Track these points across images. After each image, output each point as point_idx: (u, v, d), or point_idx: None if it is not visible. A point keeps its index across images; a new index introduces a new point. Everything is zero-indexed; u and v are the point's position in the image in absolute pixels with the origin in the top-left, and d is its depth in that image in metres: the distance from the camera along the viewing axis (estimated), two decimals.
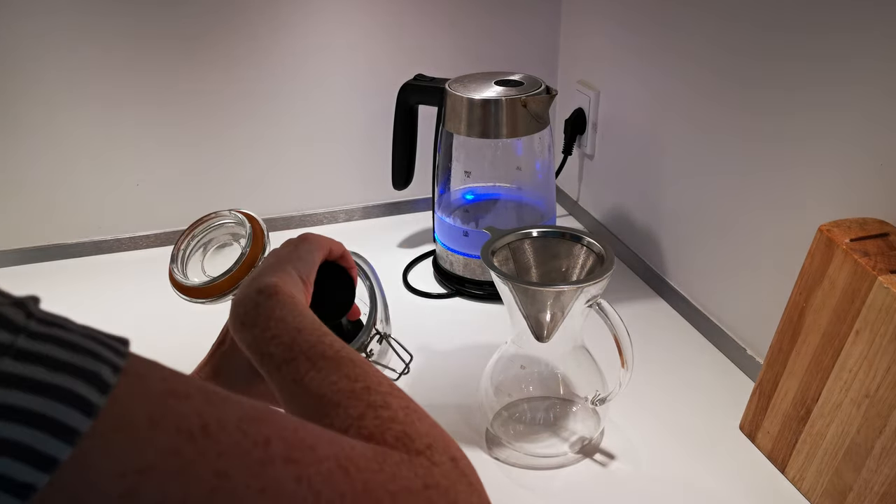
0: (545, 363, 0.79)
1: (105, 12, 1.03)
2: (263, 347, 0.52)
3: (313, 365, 0.48)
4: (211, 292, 0.70)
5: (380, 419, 0.43)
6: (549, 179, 1.07)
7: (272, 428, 0.34)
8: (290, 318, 0.52)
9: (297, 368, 0.49)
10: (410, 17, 1.15)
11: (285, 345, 0.50)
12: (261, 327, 0.52)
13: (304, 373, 0.48)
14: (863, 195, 0.69)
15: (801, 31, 0.73)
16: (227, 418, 0.33)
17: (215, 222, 0.75)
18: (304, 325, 0.51)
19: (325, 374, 0.48)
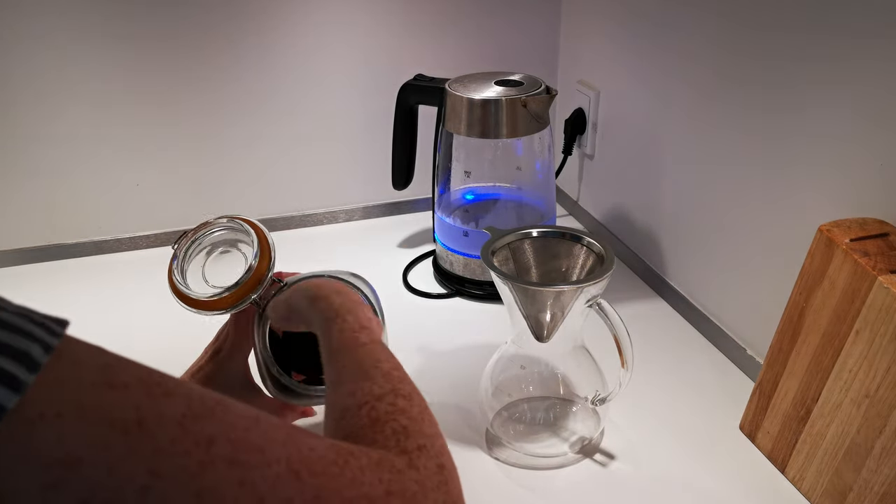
0: (545, 363, 0.79)
1: (104, 13, 1.03)
2: (333, 300, 0.56)
3: (368, 335, 0.52)
4: (211, 307, 0.68)
5: (394, 407, 0.44)
6: (549, 179, 1.07)
7: (218, 427, 0.33)
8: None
9: (353, 326, 0.53)
10: (410, 17, 1.15)
11: (350, 307, 0.55)
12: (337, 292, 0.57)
13: (357, 332, 0.52)
14: (863, 195, 0.69)
15: (802, 32, 0.73)
16: (167, 413, 0.32)
17: (218, 228, 0.72)
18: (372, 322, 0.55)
19: (373, 348, 0.51)
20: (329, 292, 0.58)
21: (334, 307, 0.55)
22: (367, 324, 0.54)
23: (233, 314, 0.70)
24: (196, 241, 0.71)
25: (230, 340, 0.71)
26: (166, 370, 0.86)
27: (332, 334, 0.53)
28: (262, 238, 0.69)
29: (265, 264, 0.68)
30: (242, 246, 0.71)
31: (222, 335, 0.73)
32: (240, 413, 0.35)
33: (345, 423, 0.44)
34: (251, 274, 0.67)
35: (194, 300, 0.68)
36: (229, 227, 0.72)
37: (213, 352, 0.72)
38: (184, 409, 0.32)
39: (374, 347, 0.51)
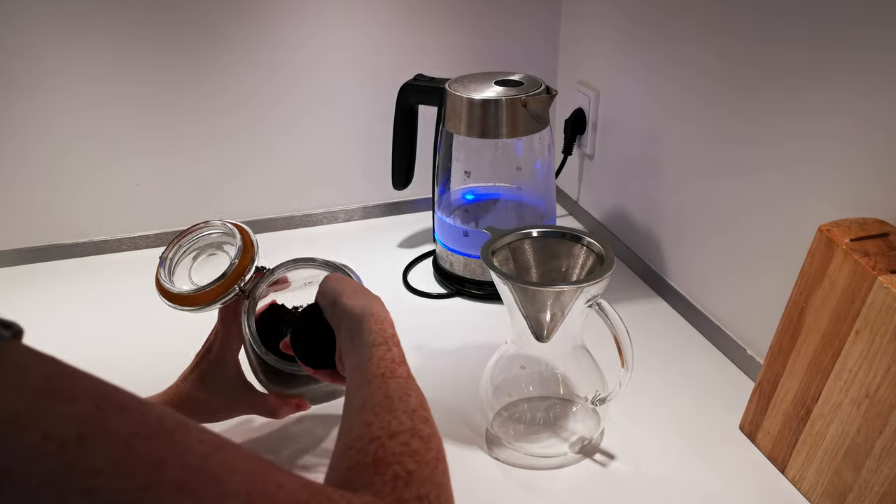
0: (545, 363, 0.79)
1: (105, 14, 1.03)
2: (386, 327, 0.56)
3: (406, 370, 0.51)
4: (197, 300, 0.70)
5: (407, 448, 0.42)
6: (549, 179, 1.07)
7: (172, 449, 0.31)
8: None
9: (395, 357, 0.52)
10: (410, 18, 1.15)
11: (397, 340, 0.55)
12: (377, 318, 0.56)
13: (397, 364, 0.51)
14: (863, 195, 0.69)
15: (802, 32, 0.73)
16: (115, 430, 0.30)
17: (204, 232, 0.74)
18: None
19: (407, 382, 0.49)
20: (385, 316, 0.58)
21: (386, 334, 0.55)
22: (404, 358, 0.54)
23: (221, 311, 0.72)
24: (181, 247, 0.73)
25: (219, 338, 0.72)
26: (166, 370, 0.87)
27: (373, 359, 0.52)
28: (245, 234, 0.72)
29: (248, 256, 0.71)
30: (228, 247, 0.72)
31: (212, 335, 0.74)
32: (202, 438, 0.33)
33: (351, 454, 0.42)
34: (235, 265, 0.70)
35: (182, 296, 0.70)
36: (214, 230, 0.74)
37: (204, 352, 0.73)
38: (136, 427, 0.30)
39: (408, 382, 0.50)
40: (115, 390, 0.31)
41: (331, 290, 0.62)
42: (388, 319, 0.58)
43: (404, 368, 0.52)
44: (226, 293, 0.70)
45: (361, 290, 0.62)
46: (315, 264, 0.74)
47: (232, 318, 0.72)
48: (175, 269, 0.73)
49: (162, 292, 0.71)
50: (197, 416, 0.71)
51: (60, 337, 0.96)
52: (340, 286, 0.62)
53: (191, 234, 0.74)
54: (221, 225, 0.73)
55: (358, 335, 0.55)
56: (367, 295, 0.61)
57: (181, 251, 0.73)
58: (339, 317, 0.59)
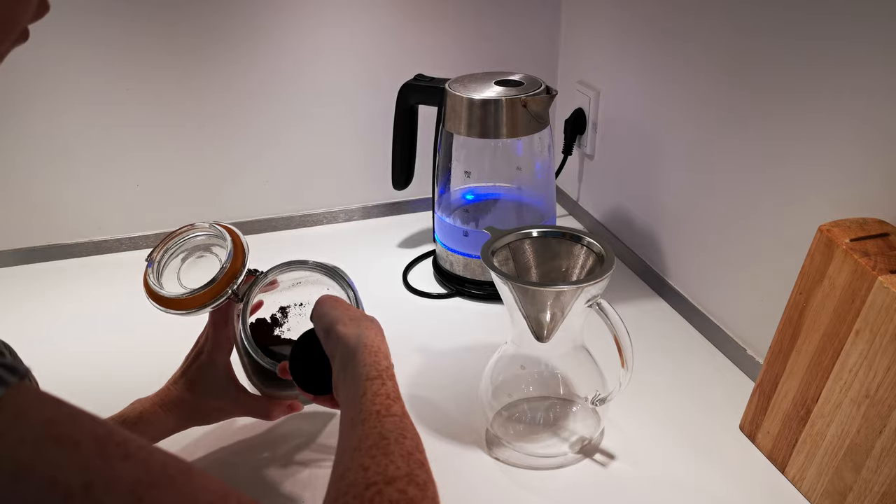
0: (545, 363, 0.79)
1: (105, 15, 1.03)
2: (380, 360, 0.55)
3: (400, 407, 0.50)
4: (189, 304, 0.68)
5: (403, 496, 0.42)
6: (549, 179, 1.07)
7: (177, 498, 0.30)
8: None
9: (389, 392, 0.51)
10: (410, 18, 1.15)
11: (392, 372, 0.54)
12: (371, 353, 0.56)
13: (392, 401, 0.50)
14: (863, 195, 0.69)
15: (802, 32, 0.73)
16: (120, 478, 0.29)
17: (192, 234, 0.73)
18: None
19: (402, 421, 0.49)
20: (379, 346, 0.57)
21: (380, 367, 0.54)
22: (399, 395, 0.53)
23: (212, 315, 0.71)
24: (169, 249, 0.72)
25: (210, 341, 0.71)
26: (166, 369, 0.86)
27: (367, 394, 0.51)
28: (235, 238, 0.71)
29: (240, 259, 0.70)
30: (217, 249, 0.71)
31: (202, 338, 0.73)
32: (206, 486, 0.32)
33: (347, 499, 0.42)
34: (227, 269, 0.69)
35: (173, 300, 0.68)
36: (202, 231, 0.73)
37: (195, 355, 0.73)
38: (140, 474, 0.30)
39: (402, 421, 0.49)
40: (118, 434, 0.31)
41: (325, 316, 0.61)
42: (383, 349, 0.57)
43: (399, 405, 0.51)
44: (217, 297, 0.68)
45: (356, 317, 0.61)
46: (307, 267, 0.73)
47: (223, 322, 0.71)
48: (163, 271, 0.71)
49: (151, 296, 0.70)
50: (188, 418, 0.71)
51: (60, 337, 0.96)
52: (335, 313, 0.61)
53: (179, 236, 0.73)
54: (209, 227, 0.72)
55: (352, 367, 0.55)
56: (362, 322, 0.60)
57: (169, 253, 0.72)
58: (334, 345, 0.59)
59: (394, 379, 0.54)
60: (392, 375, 0.54)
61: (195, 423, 0.72)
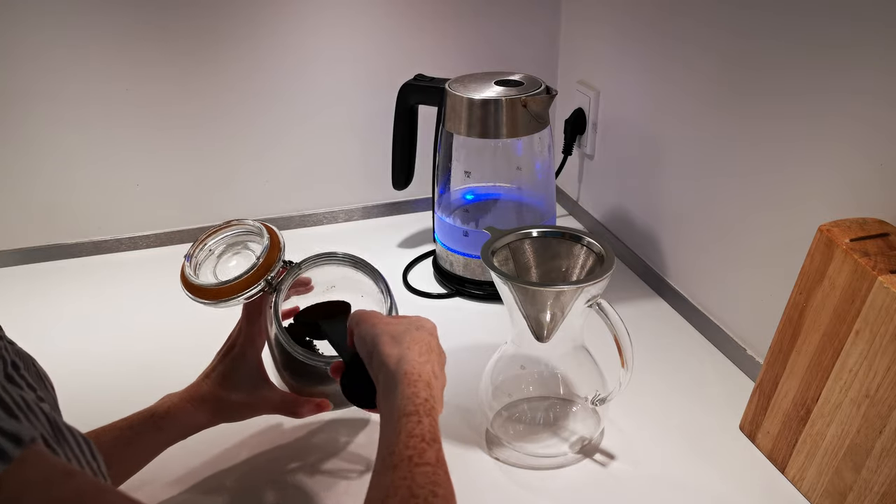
0: (545, 363, 0.79)
1: (105, 16, 1.03)
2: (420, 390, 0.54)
3: (435, 452, 0.49)
4: (224, 293, 0.69)
5: None
6: (549, 179, 1.07)
7: None
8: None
9: (424, 433, 0.50)
10: (410, 18, 1.15)
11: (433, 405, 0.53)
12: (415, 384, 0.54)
13: (427, 444, 0.49)
14: (863, 195, 0.69)
15: (802, 32, 0.73)
16: None
17: (231, 230, 0.75)
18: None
19: (435, 471, 0.48)
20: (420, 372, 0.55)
21: (417, 400, 0.53)
22: (437, 434, 0.51)
23: (245, 308, 0.72)
24: (207, 245, 0.74)
25: (243, 335, 0.72)
26: (166, 368, 0.87)
27: (402, 434, 0.50)
28: (272, 232, 0.72)
29: (276, 252, 0.71)
30: (253, 245, 0.72)
31: (234, 333, 0.74)
32: None
33: None
34: (262, 259, 0.70)
35: (208, 289, 0.69)
36: (240, 228, 0.74)
37: (227, 350, 0.73)
38: None
39: (436, 472, 0.47)
40: (112, 490, 0.31)
41: (368, 336, 0.59)
42: (424, 376, 0.55)
43: (433, 451, 0.49)
44: (253, 286, 0.69)
45: (398, 334, 0.59)
46: (337, 259, 0.74)
47: (256, 315, 0.72)
48: (200, 266, 0.73)
49: (188, 287, 0.71)
50: (217, 414, 0.71)
51: (60, 337, 0.96)
52: (377, 331, 0.59)
53: (217, 233, 0.74)
54: (248, 224, 0.74)
55: (392, 396, 0.54)
56: (405, 339, 0.58)
57: (206, 249, 0.73)
58: (377, 369, 0.58)
59: (432, 414, 0.52)
60: (430, 410, 0.52)
61: (224, 418, 0.72)
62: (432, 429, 0.51)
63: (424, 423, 0.51)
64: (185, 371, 0.89)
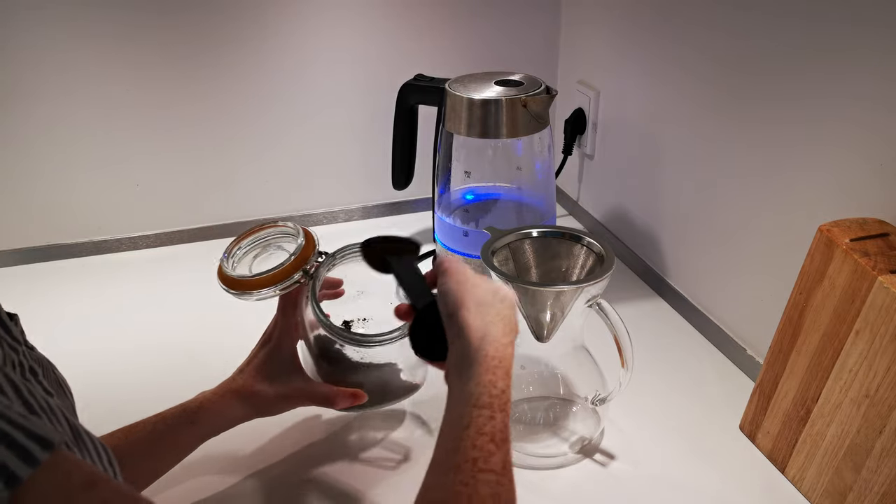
0: (545, 363, 0.79)
1: (106, 17, 1.03)
2: (498, 379, 0.51)
3: (501, 456, 0.47)
4: (261, 283, 0.71)
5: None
6: (549, 179, 1.07)
7: None
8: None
9: (493, 432, 0.47)
10: (410, 18, 1.15)
11: (506, 400, 0.50)
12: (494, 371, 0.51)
13: (496, 446, 0.46)
14: (863, 195, 0.69)
15: (802, 32, 0.73)
16: None
17: (266, 232, 0.77)
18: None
19: (499, 481, 0.45)
20: (502, 357, 0.52)
21: (494, 391, 0.49)
22: (507, 433, 0.48)
23: (281, 300, 0.73)
24: (243, 245, 0.76)
25: (279, 328, 0.73)
26: (166, 368, 0.87)
27: (471, 428, 0.47)
28: (307, 232, 0.74)
29: (311, 249, 0.73)
30: (287, 246, 0.74)
31: (270, 327, 0.75)
32: None
33: None
34: (299, 252, 0.72)
35: (245, 281, 0.71)
36: (276, 229, 0.77)
37: (263, 343, 0.74)
38: None
39: (500, 480, 0.44)
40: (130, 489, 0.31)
41: (451, 295, 0.55)
42: (505, 362, 0.51)
43: (500, 455, 0.46)
44: (289, 276, 0.71)
45: (484, 301, 0.55)
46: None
47: (291, 308, 0.73)
48: (237, 265, 0.75)
49: (225, 280, 0.72)
50: (252, 406, 0.71)
51: (60, 337, 0.96)
52: (462, 292, 0.55)
53: (254, 234, 0.76)
54: (284, 225, 0.76)
55: (467, 375, 0.50)
56: (489, 312, 0.54)
57: (243, 248, 0.76)
58: (455, 335, 0.54)
59: (506, 409, 0.49)
60: (504, 405, 0.49)
61: (259, 411, 0.72)
62: (504, 428, 0.47)
63: (497, 419, 0.47)
64: (185, 370, 0.89)
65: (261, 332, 0.77)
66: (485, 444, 0.46)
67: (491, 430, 0.47)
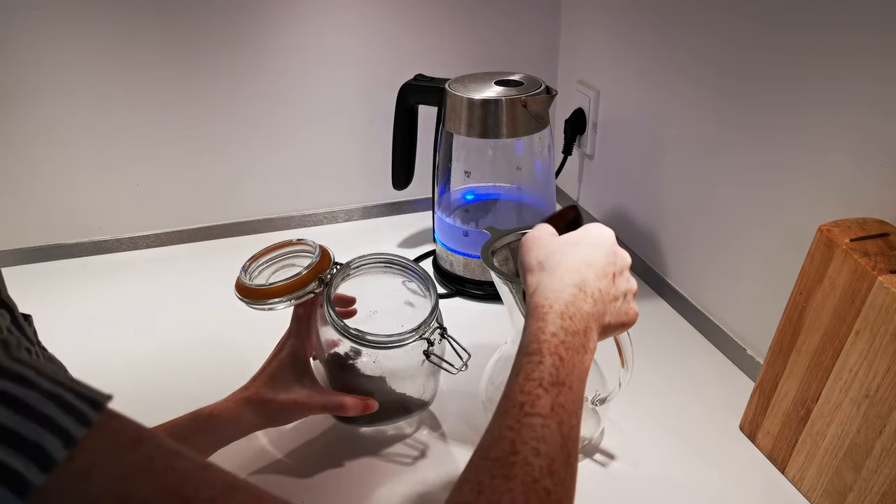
0: None
1: (106, 17, 1.03)
2: (532, 322, 0.51)
3: (551, 398, 0.46)
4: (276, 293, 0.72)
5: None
6: (549, 179, 1.07)
7: None
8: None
9: (543, 376, 0.47)
10: (410, 18, 1.15)
11: (544, 340, 0.49)
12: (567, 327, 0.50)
13: (544, 389, 0.46)
14: (863, 195, 0.69)
15: (802, 32, 0.73)
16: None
17: (282, 249, 0.78)
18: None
19: (542, 424, 0.45)
20: (552, 304, 0.51)
21: (543, 335, 0.49)
22: (562, 376, 0.47)
23: (295, 310, 0.75)
24: (261, 262, 0.78)
25: (293, 337, 0.74)
26: (166, 369, 0.87)
27: (519, 375, 0.47)
28: (323, 248, 0.76)
29: (326, 261, 0.75)
30: (304, 262, 0.76)
31: (284, 337, 0.76)
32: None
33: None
34: (314, 265, 0.73)
35: (262, 290, 0.72)
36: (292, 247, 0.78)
37: (277, 351, 0.75)
38: None
39: (546, 423, 0.44)
40: (188, 485, 0.32)
41: (522, 265, 0.56)
42: (558, 305, 0.51)
43: (550, 398, 0.45)
44: (304, 286, 0.72)
45: (546, 256, 0.55)
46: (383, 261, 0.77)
47: (305, 318, 0.74)
48: (254, 278, 0.76)
49: (242, 291, 0.74)
50: (264, 415, 0.71)
51: (60, 337, 0.96)
52: (528, 258, 0.56)
53: (273, 252, 0.78)
54: (302, 242, 0.78)
55: (525, 329, 0.51)
56: (548, 263, 0.54)
57: (260, 264, 0.78)
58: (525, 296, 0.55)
59: (559, 352, 0.48)
60: (558, 346, 0.48)
61: (270, 419, 0.72)
62: (555, 371, 0.47)
63: (546, 363, 0.47)
64: (185, 370, 0.89)
65: (261, 332, 0.77)
66: (533, 389, 0.46)
67: (539, 376, 0.46)
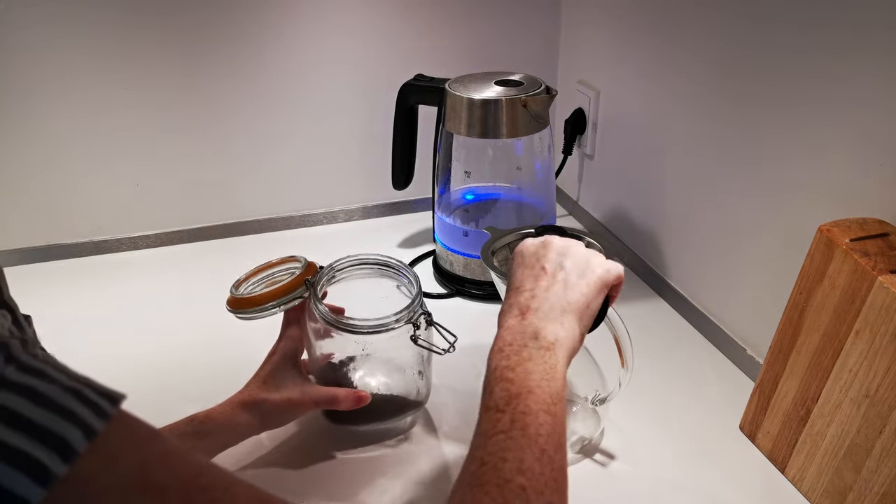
0: None
1: (105, 18, 1.03)
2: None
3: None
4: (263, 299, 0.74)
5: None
6: (549, 179, 1.07)
7: None
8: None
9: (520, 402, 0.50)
10: (410, 18, 1.15)
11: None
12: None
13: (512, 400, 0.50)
14: (863, 195, 0.69)
15: (802, 32, 0.73)
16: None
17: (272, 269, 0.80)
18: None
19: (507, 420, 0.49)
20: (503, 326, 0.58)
21: (491, 364, 0.54)
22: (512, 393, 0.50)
23: (285, 315, 0.76)
24: (251, 281, 0.79)
25: (284, 340, 0.76)
26: (165, 369, 0.87)
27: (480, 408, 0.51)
28: (311, 265, 0.78)
29: (313, 270, 0.77)
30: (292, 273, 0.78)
31: (276, 342, 0.77)
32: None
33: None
34: (302, 270, 0.75)
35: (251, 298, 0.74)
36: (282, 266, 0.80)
37: (269, 355, 0.76)
38: None
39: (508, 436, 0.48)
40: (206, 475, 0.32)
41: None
42: (499, 332, 0.58)
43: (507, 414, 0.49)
44: (292, 291, 0.74)
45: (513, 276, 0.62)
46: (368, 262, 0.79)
47: (296, 319, 0.76)
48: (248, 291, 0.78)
49: (231, 302, 0.76)
50: (260, 417, 0.72)
51: (60, 337, 0.96)
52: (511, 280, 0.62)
53: (262, 272, 0.80)
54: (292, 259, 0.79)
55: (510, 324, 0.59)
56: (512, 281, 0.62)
57: (251, 283, 0.79)
58: None
59: (503, 378, 0.52)
60: (500, 375, 0.52)
61: (266, 420, 0.73)
62: (505, 393, 0.50)
63: (495, 391, 0.51)
64: (185, 371, 0.89)
65: (261, 332, 0.77)
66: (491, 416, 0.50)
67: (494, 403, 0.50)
